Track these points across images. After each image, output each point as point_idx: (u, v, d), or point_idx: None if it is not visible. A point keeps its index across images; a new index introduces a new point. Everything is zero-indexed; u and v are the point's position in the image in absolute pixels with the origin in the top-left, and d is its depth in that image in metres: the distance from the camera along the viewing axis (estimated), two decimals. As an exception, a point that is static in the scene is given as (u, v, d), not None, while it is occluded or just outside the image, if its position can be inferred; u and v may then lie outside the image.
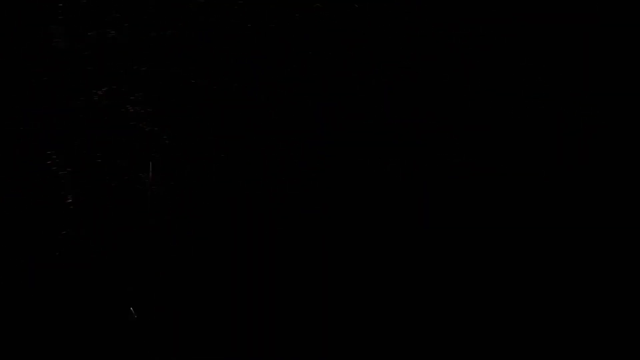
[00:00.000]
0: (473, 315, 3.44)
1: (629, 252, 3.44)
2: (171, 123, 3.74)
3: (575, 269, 3.45)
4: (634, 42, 3.60)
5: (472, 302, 3.46)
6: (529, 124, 3.61)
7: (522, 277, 3.46)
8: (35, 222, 3.57)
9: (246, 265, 3.56)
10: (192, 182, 3.68)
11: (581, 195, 3.52)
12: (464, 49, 3.68)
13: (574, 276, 3.45)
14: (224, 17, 3.81)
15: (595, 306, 3.41)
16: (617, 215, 3.48)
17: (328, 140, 3.68)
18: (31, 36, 3.60)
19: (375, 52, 3.71)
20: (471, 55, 3.67)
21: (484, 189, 3.56)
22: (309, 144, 3.69)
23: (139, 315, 2.80)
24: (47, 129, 3.70)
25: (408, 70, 3.68)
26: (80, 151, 3.67)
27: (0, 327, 3.40)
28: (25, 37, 3.60)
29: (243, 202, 3.65)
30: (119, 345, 3.42)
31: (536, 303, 3.44)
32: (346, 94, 3.70)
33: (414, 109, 3.67)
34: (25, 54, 3.60)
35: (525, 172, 3.56)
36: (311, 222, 3.59)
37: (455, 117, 3.64)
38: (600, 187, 3.52)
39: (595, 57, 3.63)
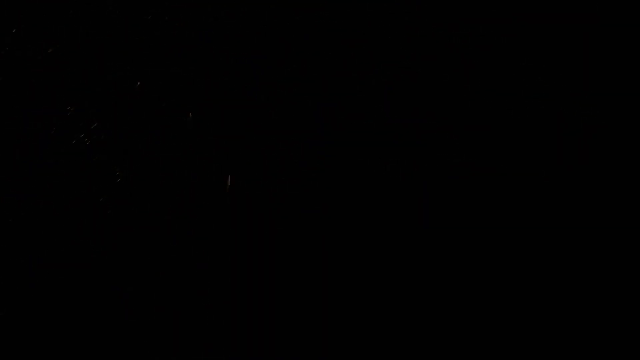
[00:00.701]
0: (473, 315, 3.44)
1: (629, 252, 3.44)
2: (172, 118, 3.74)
3: (575, 269, 3.45)
4: (634, 42, 3.60)
5: (472, 302, 3.46)
6: (529, 124, 3.61)
7: (522, 277, 3.46)
8: (34, 223, 3.57)
9: (246, 265, 3.56)
10: (192, 182, 3.67)
11: (581, 195, 3.52)
12: (464, 49, 3.68)
13: (574, 276, 3.45)
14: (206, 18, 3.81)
15: (596, 306, 3.41)
16: (617, 215, 3.48)
17: (328, 140, 3.68)
18: None
19: (375, 52, 3.71)
20: (471, 55, 3.67)
21: (484, 189, 3.55)
22: (309, 144, 3.69)
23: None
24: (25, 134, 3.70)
25: (408, 70, 3.68)
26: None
27: (1, 327, 3.40)
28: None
29: (243, 202, 3.65)
30: (119, 345, 3.42)
31: (536, 303, 3.43)
32: (346, 94, 3.70)
33: (414, 109, 3.67)
34: None
35: (525, 172, 3.56)
36: (311, 222, 3.59)
37: (455, 117, 3.64)
38: (600, 187, 3.52)
39: (595, 57, 3.63)
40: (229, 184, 3.19)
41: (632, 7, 3.59)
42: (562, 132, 3.58)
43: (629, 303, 3.39)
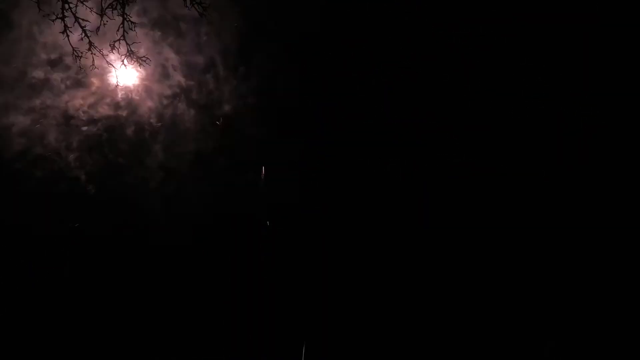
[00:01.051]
0: (472, 314, 3.44)
1: (629, 252, 3.44)
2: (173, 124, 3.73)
3: (575, 268, 3.45)
4: (634, 42, 3.60)
5: (472, 301, 3.46)
6: (529, 124, 3.61)
7: (521, 276, 3.46)
8: (35, 224, 3.57)
9: (246, 265, 3.56)
10: (192, 181, 3.67)
11: (581, 195, 3.51)
12: (464, 49, 3.68)
13: (574, 275, 3.45)
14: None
15: (595, 306, 3.41)
16: (617, 215, 3.48)
17: (328, 140, 3.68)
18: None
19: (375, 52, 3.71)
20: (471, 55, 3.67)
21: (484, 189, 3.55)
22: (309, 144, 3.69)
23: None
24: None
25: (408, 70, 3.68)
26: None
27: (1, 327, 3.40)
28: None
29: (243, 202, 3.65)
30: (119, 345, 3.42)
31: (536, 302, 3.43)
32: (346, 94, 3.70)
33: (414, 109, 3.67)
34: None
35: (525, 172, 3.56)
36: (311, 222, 3.59)
37: (455, 117, 3.64)
38: (600, 187, 3.51)
39: (595, 57, 3.63)
40: (219, 123, 3.19)
41: (632, 7, 3.59)
42: (562, 132, 3.58)
43: (629, 303, 3.38)
